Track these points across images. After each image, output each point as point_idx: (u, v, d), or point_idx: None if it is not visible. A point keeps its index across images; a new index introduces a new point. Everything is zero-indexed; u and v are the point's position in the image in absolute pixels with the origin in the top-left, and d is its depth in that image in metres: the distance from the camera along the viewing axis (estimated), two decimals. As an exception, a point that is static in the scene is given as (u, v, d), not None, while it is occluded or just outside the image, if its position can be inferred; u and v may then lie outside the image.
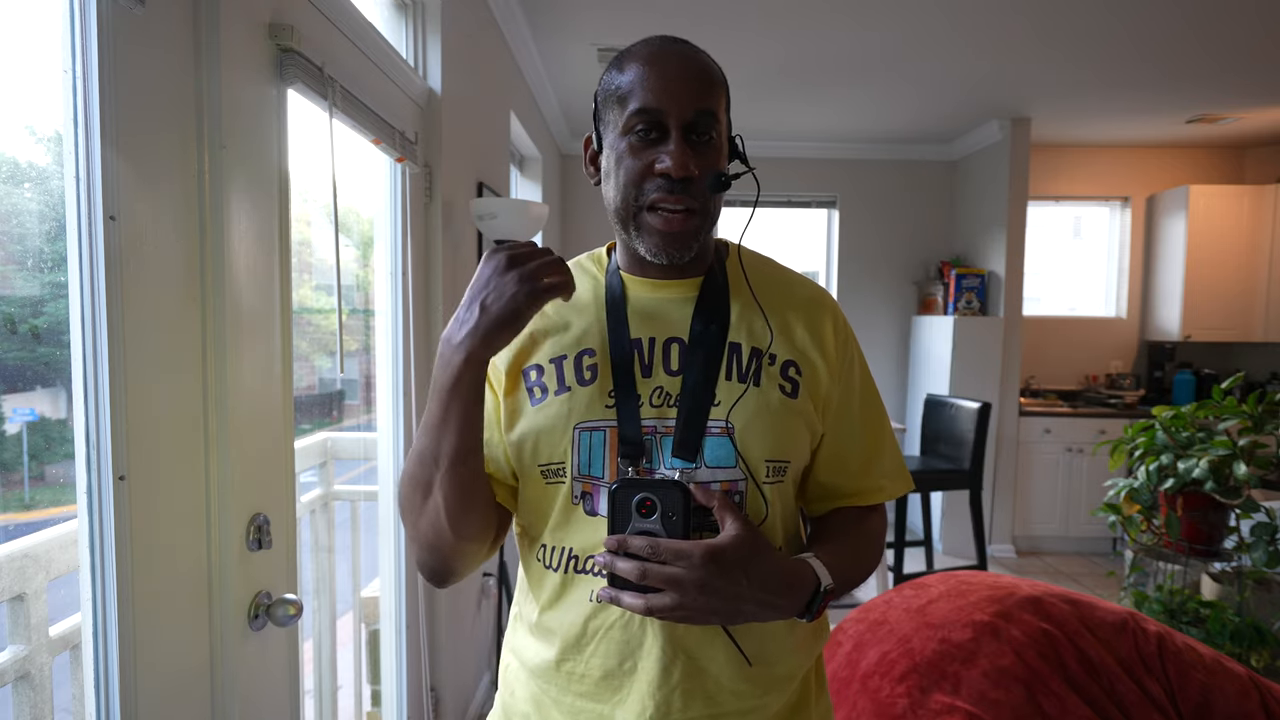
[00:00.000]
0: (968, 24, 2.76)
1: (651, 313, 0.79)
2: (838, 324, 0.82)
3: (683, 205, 0.72)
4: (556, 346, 0.78)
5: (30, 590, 1.05)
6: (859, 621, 1.37)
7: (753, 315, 0.79)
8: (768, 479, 0.74)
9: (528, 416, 0.76)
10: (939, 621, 1.10)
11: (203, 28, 0.96)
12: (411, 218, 1.84)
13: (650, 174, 0.73)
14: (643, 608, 0.64)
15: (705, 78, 0.74)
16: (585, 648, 0.73)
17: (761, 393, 0.75)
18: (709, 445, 0.73)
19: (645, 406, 0.74)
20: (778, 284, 0.83)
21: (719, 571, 0.63)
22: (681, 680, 0.71)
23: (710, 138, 0.74)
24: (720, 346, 0.76)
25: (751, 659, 0.72)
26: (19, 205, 0.92)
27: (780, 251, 6.81)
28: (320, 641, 1.90)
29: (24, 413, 0.96)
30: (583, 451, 0.73)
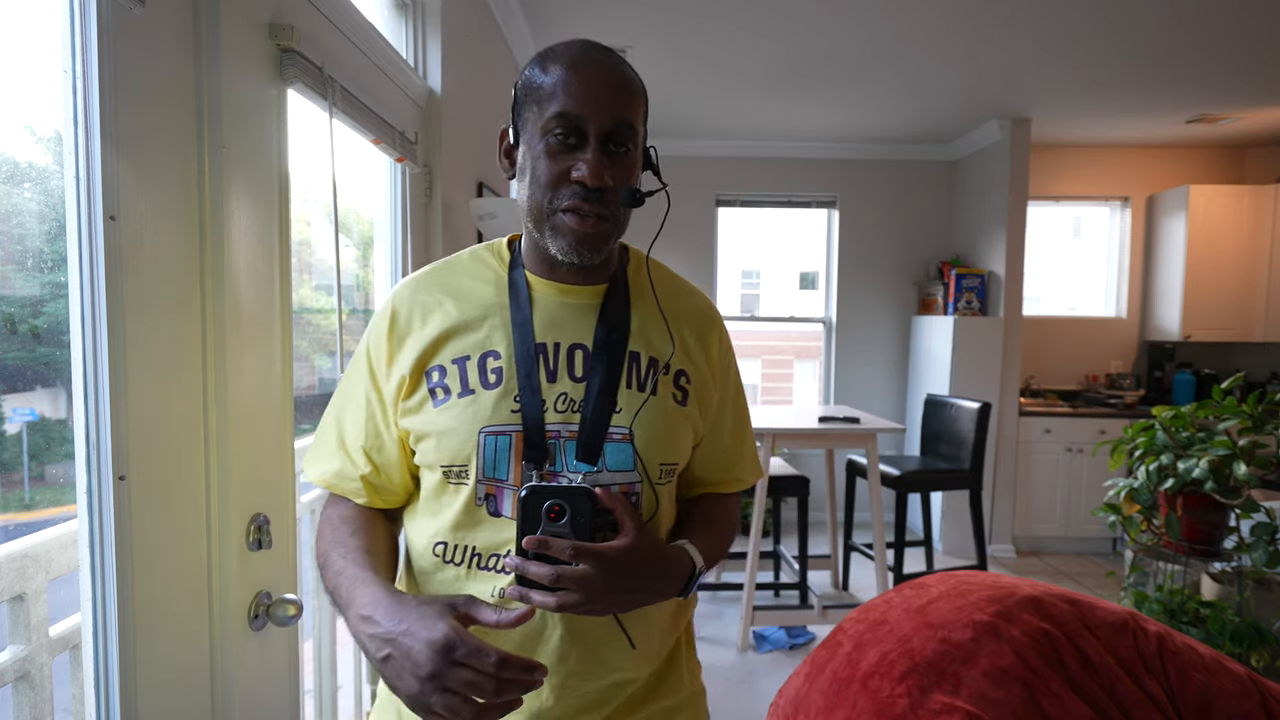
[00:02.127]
0: (968, 24, 2.76)
1: (557, 318, 0.80)
2: (722, 337, 0.89)
3: (594, 212, 0.74)
4: (459, 347, 0.78)
5: (30, 590, 1.05)
6: (859, 621, 1.37)
7: (653, 325, 0.83)
8: (660, 480, 0.80)
9: (429, 417, 0.77)
10: (939, 621, 1.10)
11: (203, 28, 0.96)
12: (411, 218, 1.84)
13: (566, 180, 0.74)
14: (554, 605, 0.67)
15: (626, 88, 0.76)
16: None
17: (659, 401, 0.80)
18: (609, 450, 0.77)
19: (550, 411, 0.76)
20: (674, 295, 0.87)
21: (624, 570, 0.69)
22: (576, 664, 0.77)
23: (626, 149, 0.76)
24: (621, 354, 0.80)
25: (635, 642, 0.79)
26: (19, 205, 0.92)
27: (780, 251, 6.84)
28: (320, 641, 1.90)
29: (24, 413, 0.96)
30: (487, 454, 0.75)
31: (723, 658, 2.93)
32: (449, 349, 0.78)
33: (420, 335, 0.79)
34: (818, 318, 4.93)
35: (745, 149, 4.61)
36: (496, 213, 2.09)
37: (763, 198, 4.75)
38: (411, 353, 0.79)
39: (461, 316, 0.80)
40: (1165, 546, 2.01)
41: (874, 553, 3.11)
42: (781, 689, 1.16)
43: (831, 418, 3.15)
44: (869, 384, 4.80)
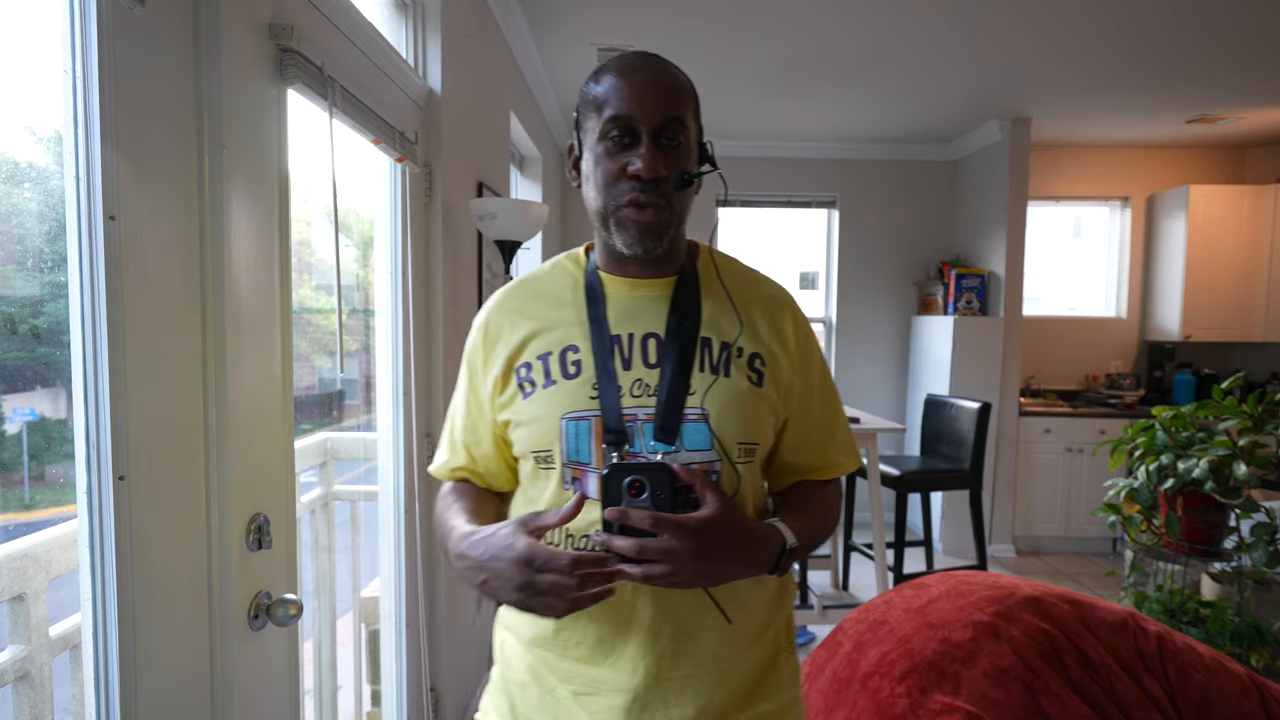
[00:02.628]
0: (968, 24, 2.76)
1: (629, 310, 0.86)
2: (797, 320, 0.91)
3: (652, 202, 0.80)
4: (542, 344, 0.85)
5: (30, 590, 1.05)
6: (859, 621, 1.37)
7: (722, 312, 0.87)
8: (740, 459, 0.82)
9: (519, 408, 0.84)
10: (939, 621, 1.10)
11: (203, 28, 0.96)
12: (411, 218, 1.84)
13: (624, 175, 0.80)
14: (640, 576, 0.70)
15: (674, 87, 0.82)
16: (580, 617, 0.79)
17: (731, 382, 0.83)
18: (686, 430, 0.80)
19: (626, 397, 0.81)
20: (745, 283, 0.92)
21: (707, 541, 0.71)
22: (670, 642, 0.79)
23: (679, 142, 0.81)
24: (694, 340, 0.84)
25: (730, 617, 0.80)
26: (19, 205, 0.92)
27: (779, 251, 6.79)
28: (320, 641, 1.90)
29: (24, 413, 0.96)
30: (569, 439, 0.81)
31: (723, 658, 2.93)
32: (533, 347, 0.85)
33: (509, 339, 0.87)
34: (818, 318, 4.93)
35: (745, 149, 4.61)
36: (496, 213, 2.09)
37: (763, 198, 4.75)
38: (502, 355, 0.87)
39: (543, 318, 0.87)
40: (1165, 546, 2.01)
41: (874, 553, 3.11)
42: (782, 689, 1.14)
43: (831, 418, 3.15)
44: (869, 384, 4.80)
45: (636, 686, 0.78)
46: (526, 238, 2.18)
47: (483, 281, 2.42)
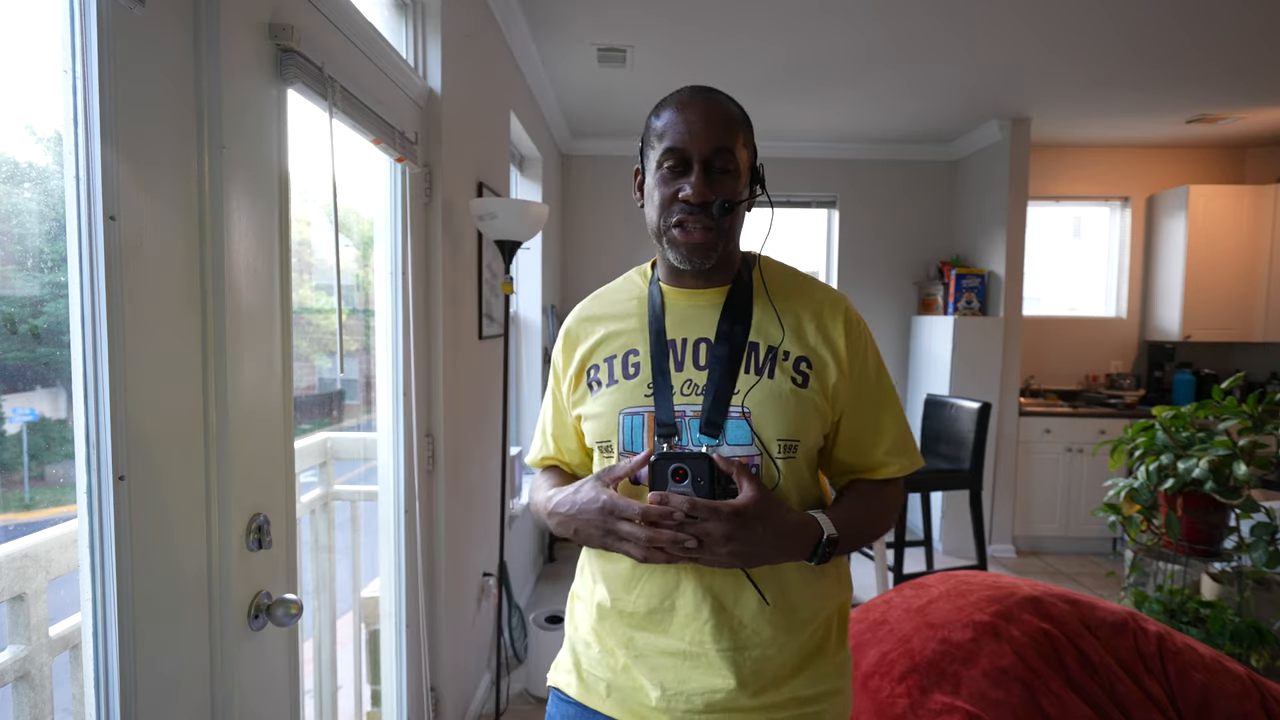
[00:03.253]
0: (968, 24, 2.76)
1: (685, 317, 0.95)
2: (849, 325, 0.95)
3: (699, 224, 0.89)
4: (609, 349, 0.97)
5: (30, 590, 1.05)
6: (859, 621, 1.37)
7: (769, 319, 0.94)
8: (780, 455, 0.88)
9: (588, 405, 0.97)
10: (939, 621, 1.10)
11: (203, 28, 0.96)
12: (411, 218, 1.84)
13: (675, 200, 0.89)
14: (679, 552, 0.80)
15: (724, 120, 0.89)
16: (633, 589, 0.91)
17: (774, 383, 0.89)
18: (730, 426, 0.88)
19: (677, 395, 0.90)
20: (796, 291, 0.98)
21: (740, 525, 0.79)
22: (710, 617, 0.87)
23: (728, 170, 0.89)
24: (742, 344, 0.91)
25: (770, 600, 0.87)
26: (19, 205, 0.92)
27: (780, 251, 6.83)
28: (320, 641, 1.90)
29: (24, 413, 0.95)
30: (625, 432, 0.91)
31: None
32: (602, 351, 0.97)
33: (584, 345, 0.99)
34: (818, 318, 4.93)
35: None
36: (496, 213, 2.09)
37: (762, 197, 4.74)
38: (578, 359, 0.99)
39: (612, 327, 0.99)
40: (1165, 546, 2.01)
41: (874, 553, 3.11)
42: (782, 689, 1.14)
43: (831, 418, 3.15)
44: (869, 384, 4.80)
45: (681, 653, 0.88)
46: (526, 238, 2.18)
47: (483, 281, 2.42)
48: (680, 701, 0.87)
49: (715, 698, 0.86)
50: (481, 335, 2.42)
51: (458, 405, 2.16)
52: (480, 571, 2.46)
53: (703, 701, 0.86)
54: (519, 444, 3.80)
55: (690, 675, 0.87)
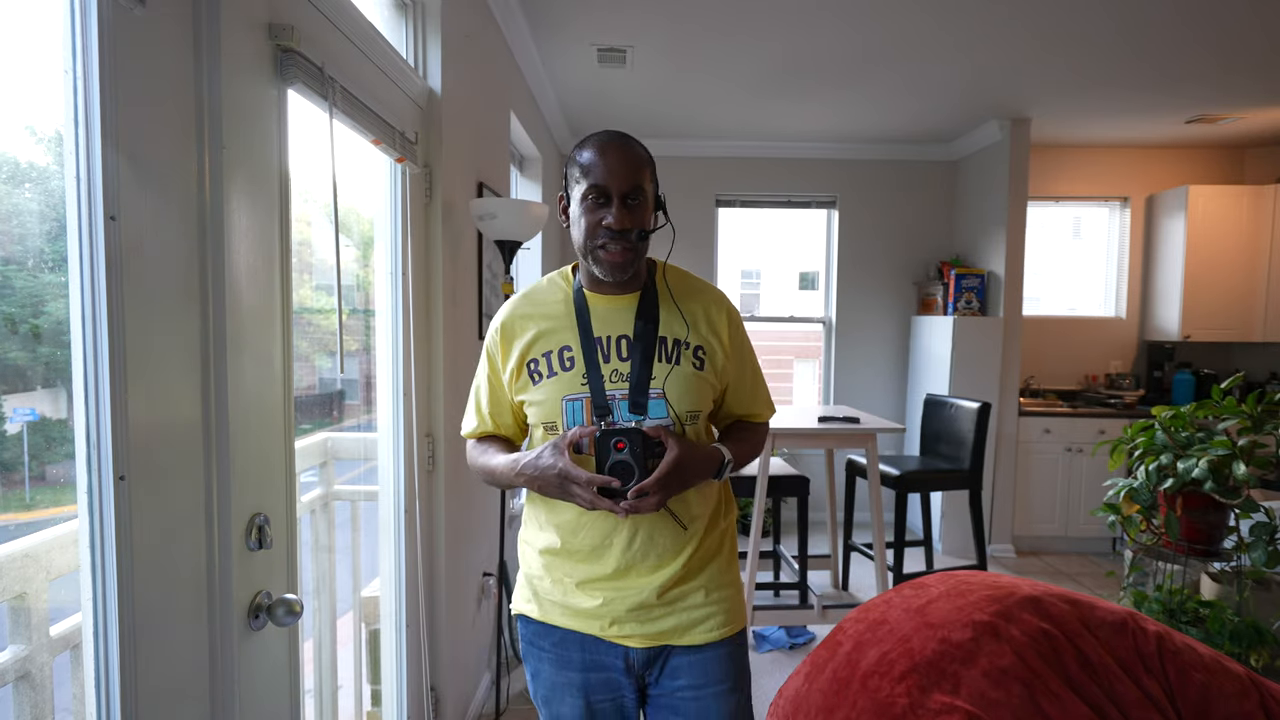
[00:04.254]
0: (967, 24, 2.76)
1: (606, 317, 1.18)
2: (730, 319, 1.23)
3: (623, 250, 1.11)
4: (545, 345, 1.17)
5: (31, 590, 1.05)
6: (859, 621, 1.36)
7: (673, 316, 1.18)
8: (687, 422, 1.16)
9: (531, 393, 1.18)
10: (939, 621, 1.10)
11: (203, 28, 0.96)
12: (411, 218, 1.84)
13: (600, 226, 1.11)
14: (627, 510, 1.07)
15: (636, 163, 1.12)
16: (579, 533, 1.17)
17: (681, 369, 1.16)
18: (651, 405, 1.14)
19: (606, 382, 1.14)
20: (690, 292, 1.22)
21: (673, 480, 1.07)
22: (640, 545, 1.15)
23: (639, 201, 1.12)
24: (654, 339, 1.16)
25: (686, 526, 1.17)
26: (19, 205, 0.92)
27: (780, 251, 6.88)
28: (320, 641, 1.90)
29: (24, 413, 0.95)
30: (568, 413, 1.14)
31: (722, 658, 2.93)
32: (539, 346, 1.17)
33: (521, 341, 1.19)
34: (817, 318, 4.93)
35: (745, 149, 4.61)
36: (496, 213, 2.09)
37: (763, 198, 4.75)
38: (516, 352, 1.19)
39: (543, 325, 1.18)
40: (1165, 546, 2.01)
41: (874, 553, 3.11)
42: (781, 689, 1.16)
43: (831, 418, 3.15)
44: (869, 384, 4.80)
45: (616, 574, 1.16)
46: (527, 238, 2.18)
47: (483, 281, 2.42)
48: (615, 606, 1.16)
49: (639, 598, 1.15)
50: (481, 335, 2.43)
51: (458, 405, 2.17)
52: (480, 571, 2.46)
53: (627, 606, 1.15)
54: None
55: (622, 588, 1.16)
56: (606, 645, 1.19)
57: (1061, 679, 1.00)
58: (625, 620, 1.16)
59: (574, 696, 1.21)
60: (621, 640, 1.17)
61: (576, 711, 1.21)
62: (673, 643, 1.18)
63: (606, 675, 1.20)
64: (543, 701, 1.26)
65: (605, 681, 1.20)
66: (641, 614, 1.16)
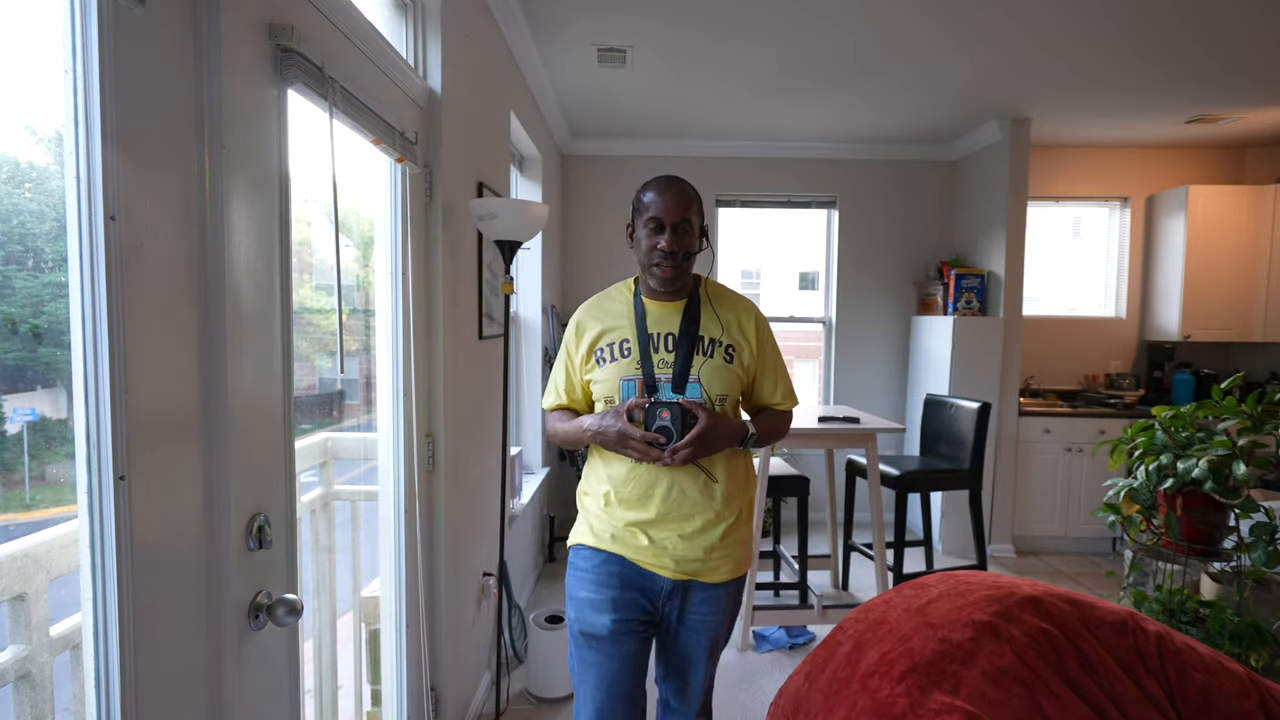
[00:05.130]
0: (967, 24, 2.76)
1: (658, 319, 1.52)
2: (758, 323, 1.56)
3: (672, 267, 1.47)
4: (610, 338, 1.53)
5: (31, 590, 1.05)
6: (859, 621, 1.36)
7: (711, 320, 1.52)
8: (717, 404, 1.48)
9: (597, 373, 1.52)
10: (939, 621, 1.10)
11: (203, 28, 0.96)
12: (411, 218, 1.84)
13: (655, 248, 1.46)
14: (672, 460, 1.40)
15: (685, 201, 1.46)
16: (628, 484, 1.49)
17: (714, 361, 1.49)
18: (689, 388, 1.47)
19: (656, 368, 1.47)
20: (726, 303, 1.56)
21: (705, 441, 1.40)
22: (676, 496, 1.47)
23: (686, 230, 1.46)
24: (695, 337, 1.49)
25: (715, 479, 1.48)
26: (19, 205, 0.92)
27: (780, 251, 6.93)
28: (320, 641, 1.90)
29: (24, 413, 0.95)
30: (624, 390, 1.49)
31: (723, 657, 2.93)
32: (604, 339, 1.53)
33: (590, 334, 1.55)
34: (818, 318, 4.93)
35: (745, 149, 4.61)
36: (497, 213, 2.09)
37: (763, 198, 4.75)
38: (587, 342, 1.54)
39: (608, 324, 1.54)
40: (1165, 546, 2.01)
41: (874, 553, 3.11)
42: (781, 689, 1.16)
43: (831, 418, 3.15)
44: (869, 384, 4.80)
45: (657, 516, 1.47)
46: (527, 238, 2.18)
47: (483, 281, 2.42)
48: (656, 544, 1.47)
49: (674, 541, 1.47)
50: (481, 335, 2.42)
51: (458, 405, 2.16)
52: (480, 571, 2.46)
53: (671, 542, 1.47)
54: (519, 444, 3.80)
55: (663, 529, 1.47)
56: (645, 572, 1.50)
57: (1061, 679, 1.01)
58: (665, 553, 1.48)
59: (604, 613, 1.49)
60: (659, 570, 1.48)
61: (606, 625, 1.50)
62: (697, 579, 1.50)
63: (636, 596, 1.50)
64: (576, 622, 1.55)
65: (634, 602, 1.50)
66: (676, 554, 1.47)
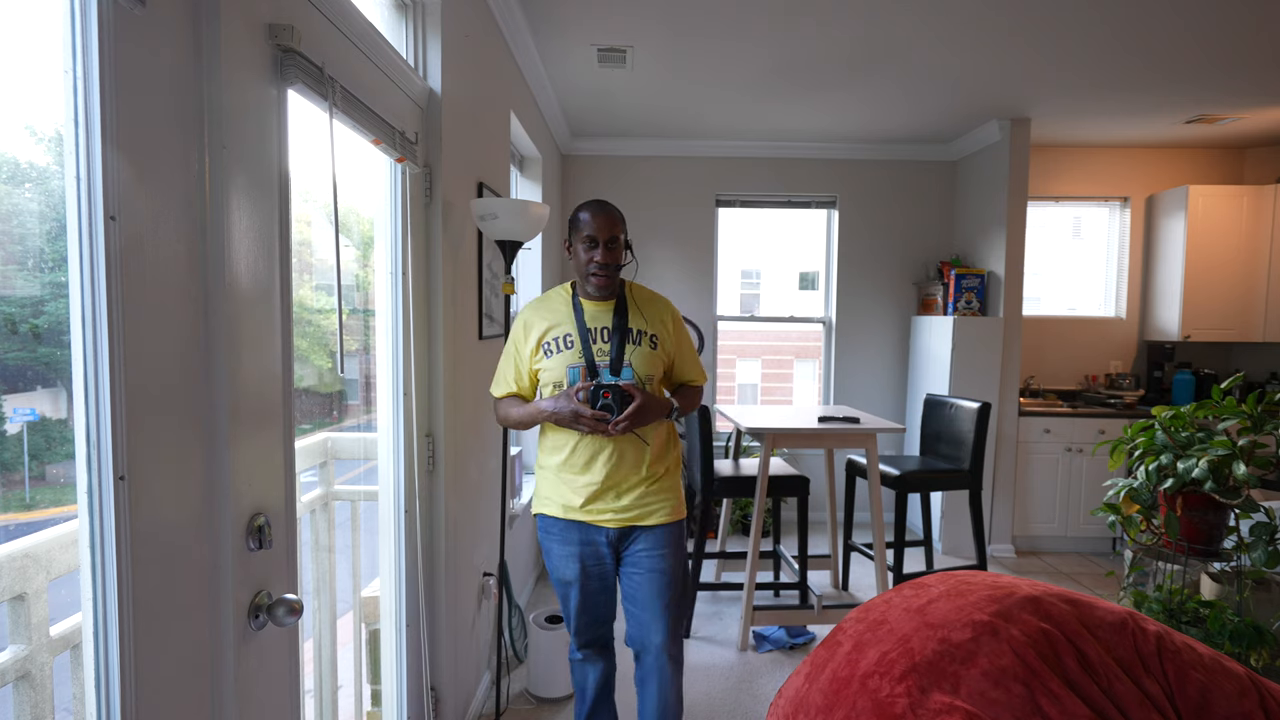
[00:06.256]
0: (967, 24, 2.76)
1: (594, 316, 1.83)
2: (674, 317, 1.90)
3: (605, 275, 1.78)
4: (554, 333, 1.81)
5: (31, 590, 1.05)
6: (859, 621, 1.36)
7: (637, 316, 1.84)
8: (646, 383, 1.80)
9: (545, 363, 1.81)
10: (939, 621, 1.10)
11: (203, 28, 0.96)
12: (411, 218, 1.84)
13: (591, 260, 1.77)
14: (614, 430, 1.70)
15: (614, 221, 1.78)
16: (575, 453, 1.80)
17: (642, 349, 1.81)
18: (624, 371, 1.78)
19: (596, 356, 1.78)
20: (649, 301, 1.88)
21: (640, 412, 1.71)
22: (616, 461, 1.79)
23: (615, 245, 1.78)
24: (625, 330, 1.81)
25: (648, 442, 1.82)
26: (19, 205, 0.92)
27: (780, 251, 6.97)
28: (320, 641, 1.90)
29: (24, 413, 0.95)
30: (571, 375, 1.78)
31: (723, 657, 2.93)
32: (550, 334, 1.81)
33: (537, 329, 1.82)
34: (817, 318, 4.93)
35: (745, 149, 4.61)
36: (497, 213, 2.09)
37: (763, 198, 4.75)
38: (534, 337, 1.82)
39: (551, 320, 1.83)
40: (1165, 546, 2.01)
41: (874, 553, 3.11)
42: (781, 689, 1.16)
43: (831, 418, 3.15)
44: (869, 384, 4.81)
45: (602, 480, 1.79)
46: (527, 238, 2.18)
47: (483, 281, 2.42)
48: (598, 503, 1.80)
49: (614, 497, 1.80)
50: (481, 335, 2.42)
51: (458, 405, 2.16)
52: (480, 571, 2.46)
53: (606, 502, 1.80)
54: (519, 444, 3.80)
55: (602, 491, 1.79)
56: (594, 528, 1.83)
57: (1061, 679, 1.00)
58: (604, 511, 1.81)
59: (574, 562, 1.84)
60: (603, 524, 1.81)
61: (574, 572, 1.85)
62: (638, 524, 1.82)
63: (594, 548, 1.84)
64: (553, 570, 1.88)
65: (593, 553, 1.84)
66: (616, 506, 1.80)
